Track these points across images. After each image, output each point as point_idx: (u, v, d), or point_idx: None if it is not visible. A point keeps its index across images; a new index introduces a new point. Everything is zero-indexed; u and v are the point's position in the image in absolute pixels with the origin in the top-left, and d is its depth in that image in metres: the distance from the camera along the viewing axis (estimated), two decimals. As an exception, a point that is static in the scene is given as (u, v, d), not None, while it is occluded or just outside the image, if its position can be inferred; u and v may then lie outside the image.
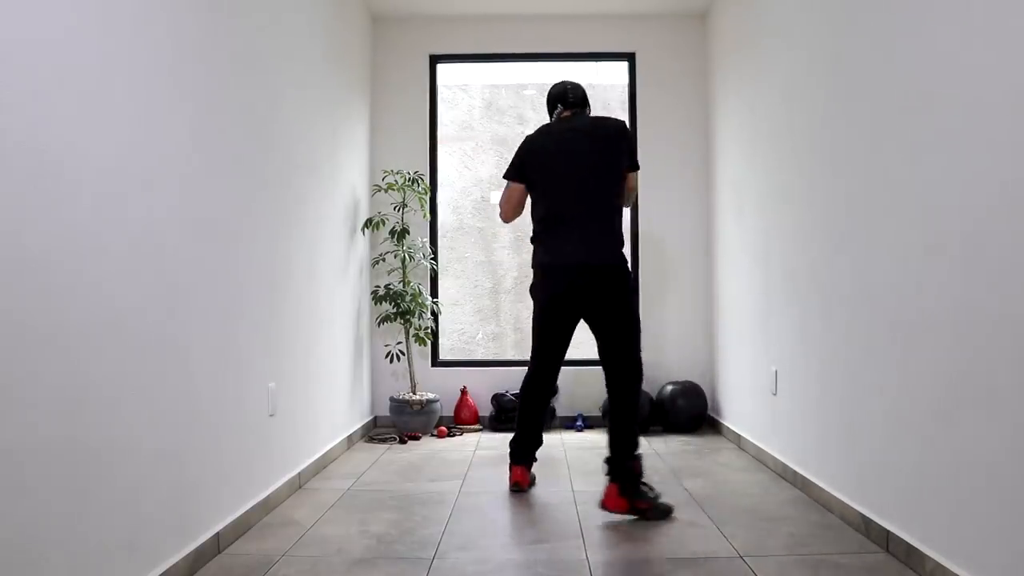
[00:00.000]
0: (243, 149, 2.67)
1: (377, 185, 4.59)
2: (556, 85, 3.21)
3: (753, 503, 2.94)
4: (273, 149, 2.98)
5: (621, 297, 2.92)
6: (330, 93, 3.87)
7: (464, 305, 5.08)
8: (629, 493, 2.72)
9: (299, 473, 3.22)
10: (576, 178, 2.95)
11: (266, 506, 2.81)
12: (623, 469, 2.76)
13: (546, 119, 3.26)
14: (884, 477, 2.43)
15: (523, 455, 3.18)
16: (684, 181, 4.79)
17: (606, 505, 2.75)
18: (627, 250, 3.10)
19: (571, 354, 4.87)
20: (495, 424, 4.58)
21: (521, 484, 3.15)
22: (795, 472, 3.17)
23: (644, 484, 2.77)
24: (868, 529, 2.50)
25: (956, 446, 2.02)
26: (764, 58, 3.64)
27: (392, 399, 4.46)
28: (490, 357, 4.95)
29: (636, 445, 2.82)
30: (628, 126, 3.05)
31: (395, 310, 4.42)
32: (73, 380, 1.68)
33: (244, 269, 2.66)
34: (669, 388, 4.54)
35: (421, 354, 4.73)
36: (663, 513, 2.72)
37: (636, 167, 3.07)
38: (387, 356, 4.57)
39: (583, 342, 4.94)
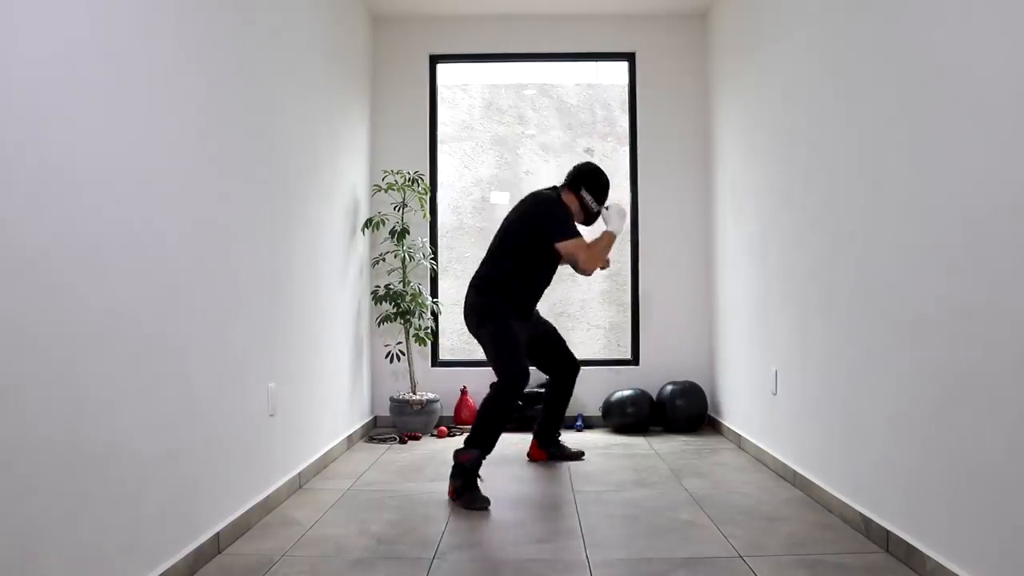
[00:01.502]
0: (244, 149, 2.67)
1: (377, 185, 4.59)
2: None
3: (753, 503, 2.94)
4: (274, 149, 2.98)
5: (479, 329, 3.43)
6: (330, 93, 3.87)
7: (464, 305, 5.07)
8: (451, 479, 3.07)
9: (299, 473, 3.22)
10: (494, 239, 3.57)
11: (266, 506, 2.81)
12: (456, 460, 3.09)
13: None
14: (884, 477, 2.43)
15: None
16: (684, 181, 4.79)
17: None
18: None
19: (571, 354, 4.92)
20: (495, 424, 4.57)
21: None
22: (795, 472, 3.17)
23: (463, 474, 3.04)
24: (868, 529, 2.50)
25: (956, 446, 2.02)
26: (764, 58, 3.64)
27: (392, 399, 4.45)
28: (490, 357, 4.94)
29: (472, 442, 3.14)
30: (553, 203, 3.46)
31: (395, 310, 4.41)
32: (73, 380, 1.68)
33: (244, 269, 2.66)
34: (669, 388, 4.54)
35: (421, 354, 4.73)
36: (469, 501, 2.97)
37: (557, 238, 3.37)
38: (387, 356, 4.57)
39: (582, 342, 4.96)
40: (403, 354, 4.54)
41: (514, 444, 3.99)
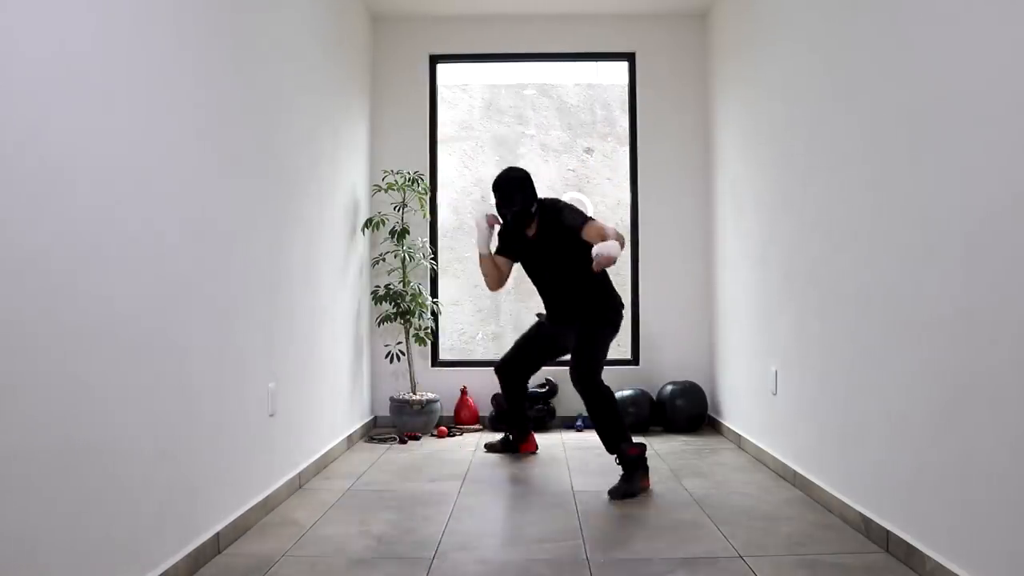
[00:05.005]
0: (243, 149, 2.67)
1: (377, 185, 4.59)
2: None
3: (753, 503, 2.94)
4: (273, 149, 2.98)
5: None
6: (330, 93, 3.87)
7: (464, 305, 5.07)
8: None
9: (299, 473, 3.22)
10: None
11: (266, 506, 2.81)
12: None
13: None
14: (884, 477, 2.43)
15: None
16: (684, 181, 4.79)
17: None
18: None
19: (571, 354, 4.91)
20: (495, 424, 4.57)
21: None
22: (795, 472, 3.17)
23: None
24: (868, 529, 2.50)
25: (956, 446, 2.02)
26: (764, 58, 3.64)
27: (392, 399, 4.45)
28: (490, 357, 4.94)
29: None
30: None
31: (395, 310, 4.41)
32: (73, 380, 1.68)
33: (244, 269, 2.66)
34: (669, 388, 4.54)
35: (421, 354, 4.73)
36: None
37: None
38: (387, 356, 4.56)
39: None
40: (403, 354, 4.54)
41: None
